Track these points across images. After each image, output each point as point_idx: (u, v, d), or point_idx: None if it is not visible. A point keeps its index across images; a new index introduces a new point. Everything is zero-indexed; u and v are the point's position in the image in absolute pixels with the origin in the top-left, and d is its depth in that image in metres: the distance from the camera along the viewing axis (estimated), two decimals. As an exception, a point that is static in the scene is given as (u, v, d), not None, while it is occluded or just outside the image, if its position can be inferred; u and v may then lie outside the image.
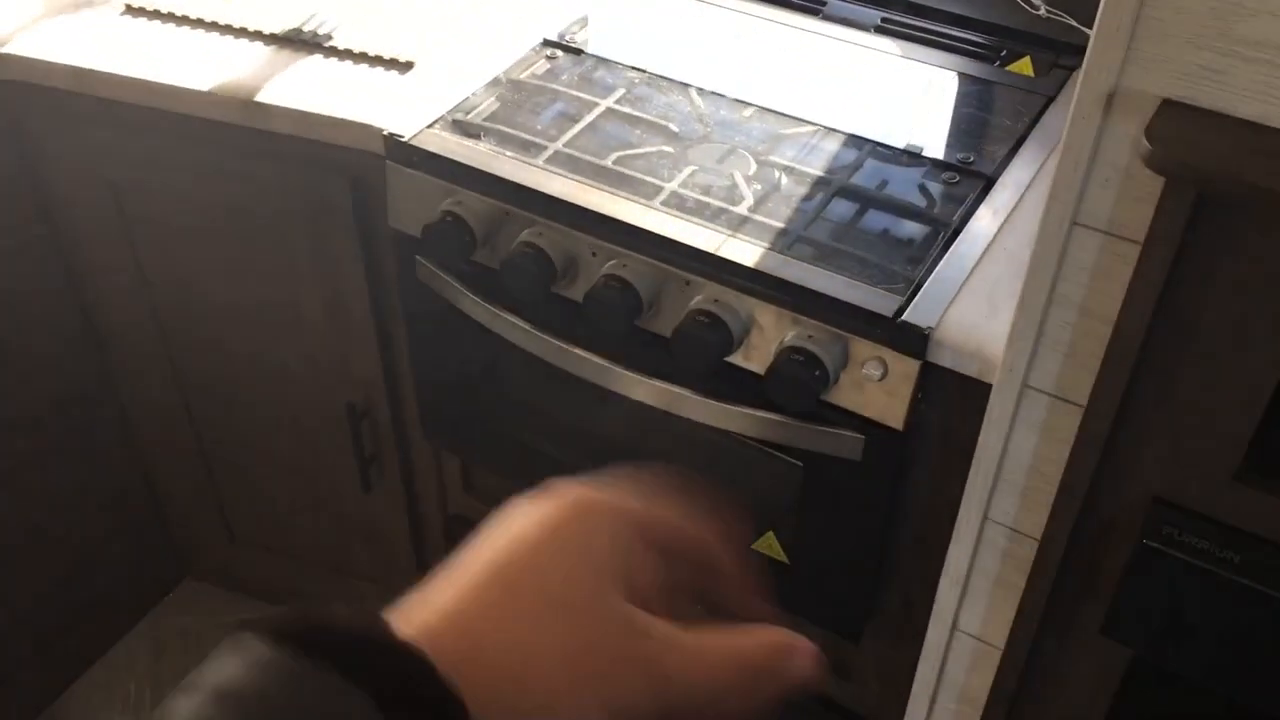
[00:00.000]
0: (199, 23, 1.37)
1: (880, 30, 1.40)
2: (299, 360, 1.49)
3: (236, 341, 1.52)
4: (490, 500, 1.55)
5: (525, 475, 1.48)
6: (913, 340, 1.00)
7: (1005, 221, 1.11)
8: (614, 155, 1.20)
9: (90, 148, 1.38)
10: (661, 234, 1.10)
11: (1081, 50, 1.33)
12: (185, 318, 1.53)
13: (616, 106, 1.27)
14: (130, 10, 1.39)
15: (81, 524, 1.71)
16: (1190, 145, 0.72)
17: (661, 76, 1.32)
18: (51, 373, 1.57)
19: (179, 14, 1.38)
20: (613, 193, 1.15)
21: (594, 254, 1.14)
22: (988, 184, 1.16)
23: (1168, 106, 0.74)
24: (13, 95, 1.36)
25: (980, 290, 1.04)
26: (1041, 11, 1.32)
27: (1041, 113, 1.26)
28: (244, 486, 1.73)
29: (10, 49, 1.32)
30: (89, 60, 1.31)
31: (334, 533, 1.71)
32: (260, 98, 1.25)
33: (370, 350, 1.43)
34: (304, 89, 1.27)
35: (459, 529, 1.57)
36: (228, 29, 1.36)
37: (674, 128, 1.24)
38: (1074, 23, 1.31)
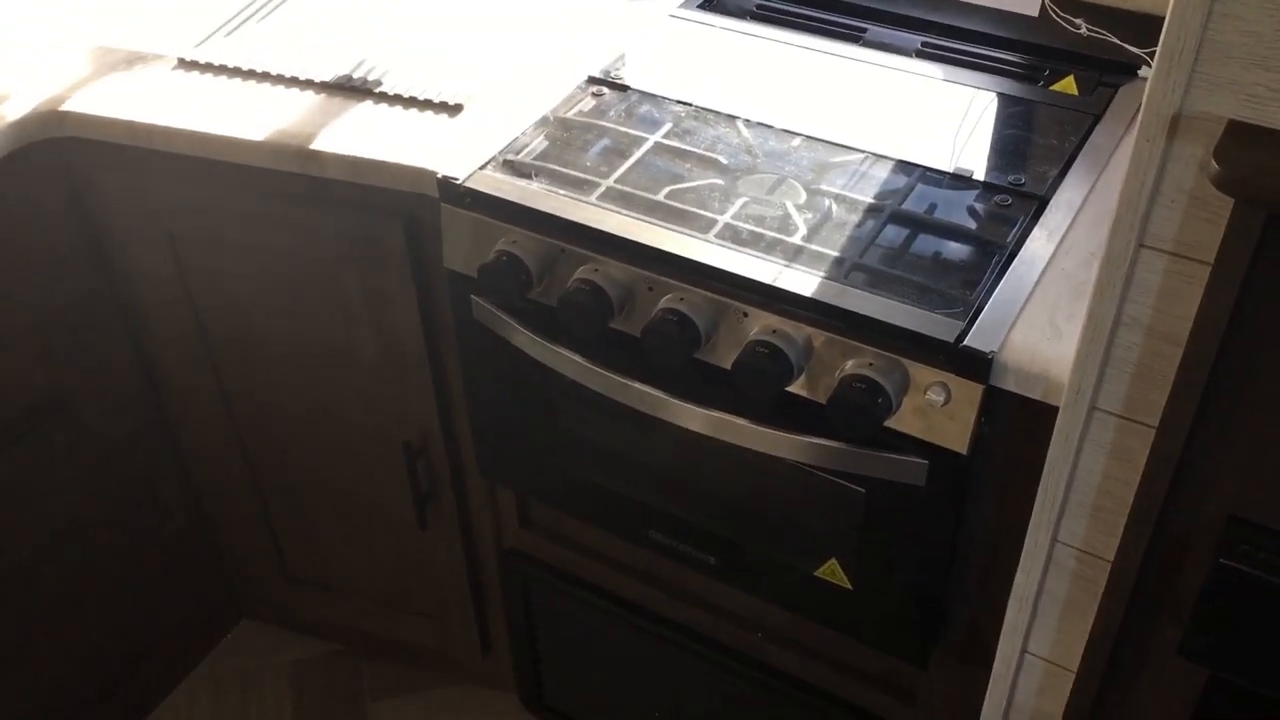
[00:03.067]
0: (250, 74, 1.40)
1: (921, 55, 1.41)
2: (355, 400, 1.51)
3: (293, 384, 1.54)
4: (547, 535, 1.57)
5: (582, 510, 1.50)
6: (976, 365, 1.01)
7: (1061, 242, 1.12)
8: (665, 189, 1.21)
9: (147, 199, 1.41)
10: (717, 266, 1.11)
11: (1126, 68, 1.34)
12: (242, 362, 1.55)
13: (665, 141, 1.28)
14: (183, 64, 1.42)
15: (141, 567, 1.73)
16: (1259, 167, 0.73)
17: (707, 109, 1.33)
18: (111, 418, 1.59)
19: (230, 66, 1.40)
20: (666, 227, 1.16)
21: (650, 288, 1.15)
22: (1040, 205, 1.16)
23: (1235, 127, 0.75)
24: (71, 151, 1.39)
25: (1040, 312, 1.04)
26: (1083, 31, 1.33)
27: (1089, 132, 1.26)
28: (300, 526, 1.74)
29: (68, 106, 1.35)
30: (145, 115, 1.33)
31: (390, 570, 1.73)
32: (314, 145, 1.28)
33: (426, 389, 1.44)
34: (356, 135, 1.29)
35: (515, 564, 1.58)
36: (279, 79, 1.39)
37: (723, 160, 1.25)
38: (1117, 41, 1.31)
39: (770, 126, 1.30)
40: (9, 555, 1.52)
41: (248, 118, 1.32)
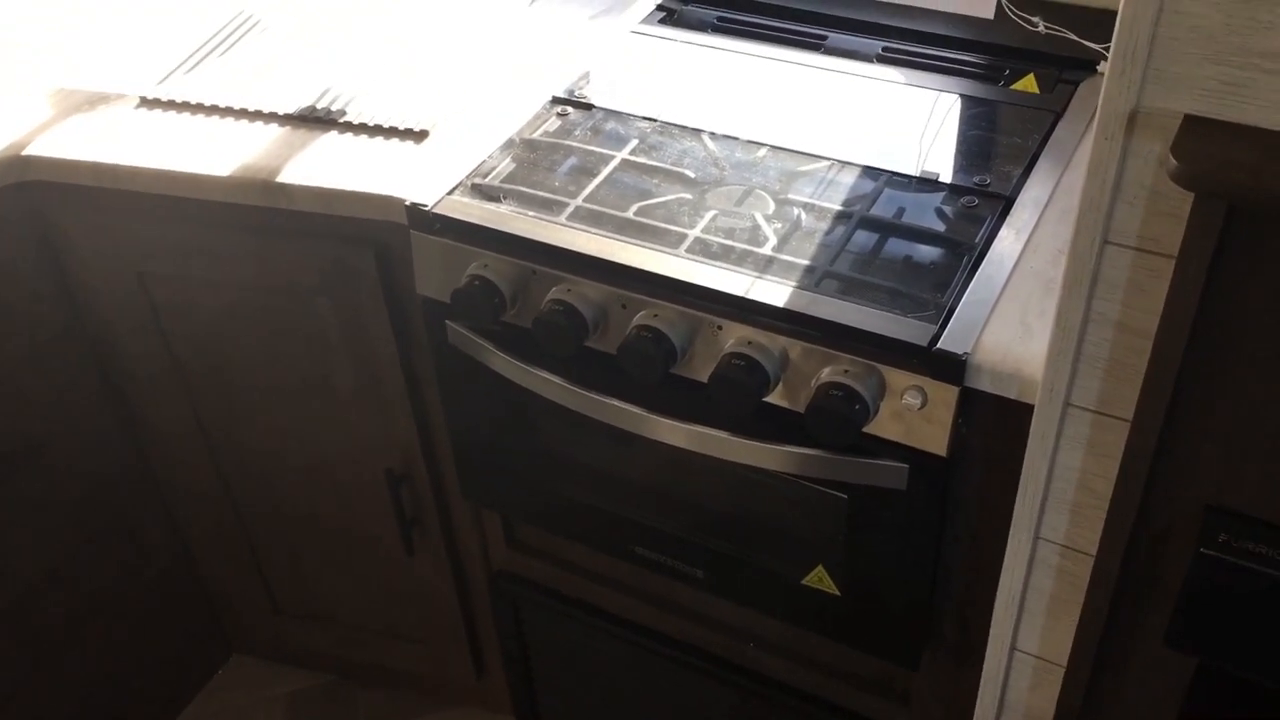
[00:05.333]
0: (214, 109, 1.40)
1: (882, 60, 1.42)
2: (335, 429, 1.51)
3: (271, 417, 1.53)
4: (534, 555, 1.57)
5: (567, 528, 1.49)
6: (950, 367, 1.01)
7: (1028, 241, 1.12)
8: (635, 206, 1.21)
9: (116, 239, 1.40)
10: (689, 281, 1.12)
11: (1085, 64, 1.35)
12: (219, 398, 1.54)
13: (631, 157, 1.29)
14: (145, 103, 1.42)
15: (128, 608, 1.71)
16: (1217, 160, 0.73)
17: (673, 124, 1.34)
18: (89, 460, 1.58)
19: (193, 103, 1.40)
20: (637, 244, 1.16)
21: (624, 306, 1.16)
22: (1006, 204, 1.17)
23: (1191, 123, 0.75)
24: (37, 195, 1.38)
25: (1012, 312, 1.05)
26: (1040, 29, 1.34)
27: (1052, 129, 1.27)
28: (287, 558, 1.73)
29: (31, 150, 1.35)
30: (109, 155, 1.33)
31: (380, 597, 1.72)
32: (281, 178, 1.27)
33: (405, 416, 1.44)
34: (323, 165, 1.29)
35: (504, 585, 1.58)
36: (243, 113, 1.38)
37: (690, 174, 1.26)
38: (1075, 37, 1.32)
39: (736, 138, 1.31)
40: (-7, 604, 1.51)
41: (213, 153, 1.32)
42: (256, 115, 1.38)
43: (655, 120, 1.35)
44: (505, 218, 1.21)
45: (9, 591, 1.52)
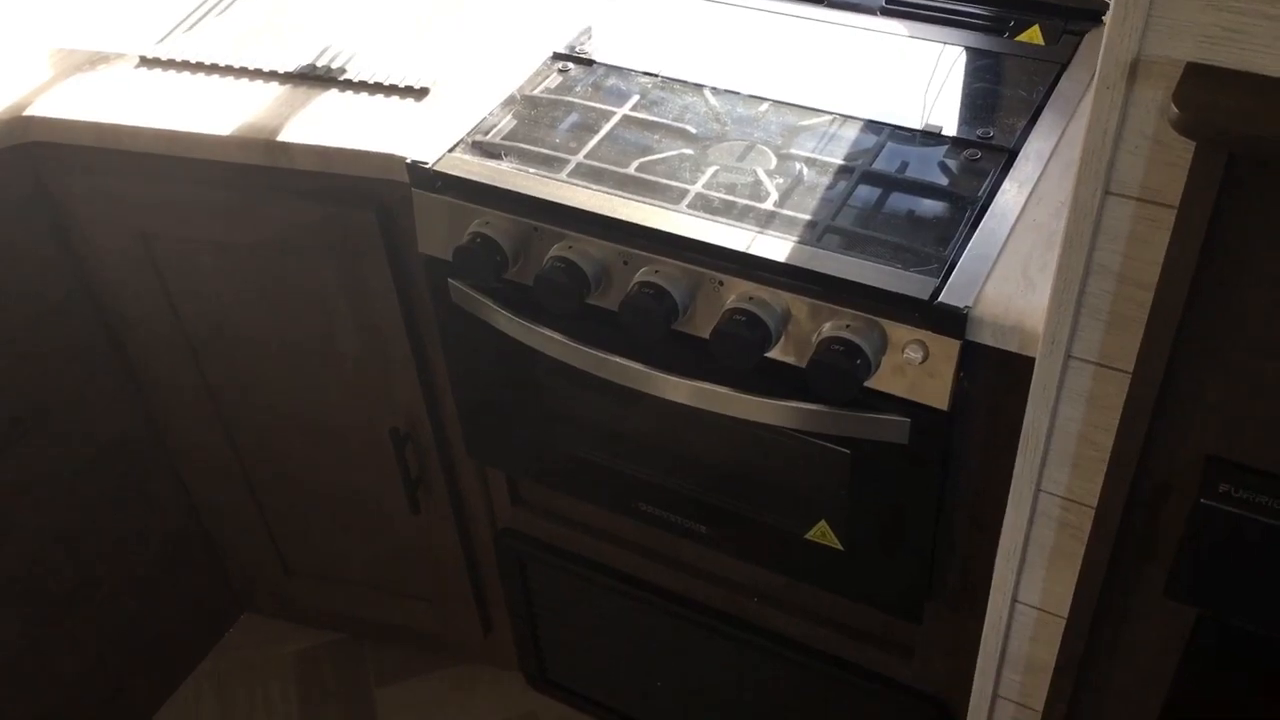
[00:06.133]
0: (214, 68, 1.39)
1: (886, 12, 1.41)
2: (340, 389, 1.51)
3: (277, 376, 1.54)
4: (539, 513, 1.58)
5: (571, 486, 1.50)
6: (951, 321, 1.01)
7: (1031, 193, 1.12)
8: (636, 162, 1.21)
9: (118, 200, 1.40)
10: (691, 237, 1.11)
11: (1090, 14, 1.33)
12: (224, 358, 1.55)
13: (633, 113, 1.28)
14: (145, 62, 1.41)
15: (140, 568, 1.73)
16: (1218, 108, 0.73)
17: (674, 79, 1.33)
18: (96, 422, 1.59)
19: (193, 61, 1.40)
20: (638, 200, 1.16)
21: (625, 262, 1.15)
22: (1010, 157, 1.17)
23: (1193, 70, 0.75)
24: (38, 156, 1.38)
25: (1014, 265, 1.04)
26: (1046, -21, 1.32)
27: (1056, 81, 1.26)
28: (294, 518, 1.75)
29: (32, 111, 1.34)
30: (110, 115, 1.33)
31: (386, 556, 1.73)
32: (281, 137, 1.27)
33: (409, 375, 1.44)
34: (323, 124, 1.29)
35: (509, 543, 1.59)
36: (243, 71, 1.38)
37: (692, 129, 1.25)
38: (1080, -13, 1.31)
39: (738, 93, 1.30)
40: (3, 564, 1.52)
41: (214, 113, 1.32)
42: (256, 74, 1.37)
43: (656, 76, 1.34)
44: (506, 175, 1.21)
45: (21, 553, 1.54)
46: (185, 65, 1.40)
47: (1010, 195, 1.12)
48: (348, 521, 1.71)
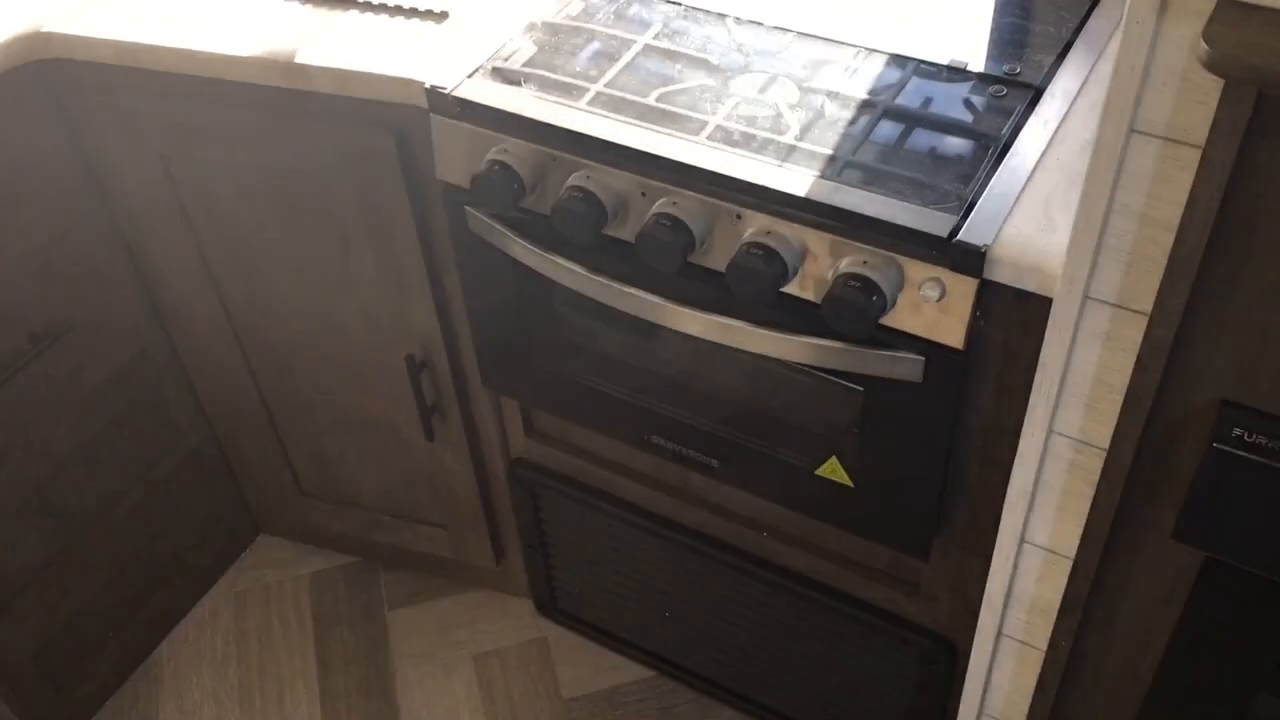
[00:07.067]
0: (233, -13, 1.38)
1: (915, -56, 1.38)
2: (356, 316, 1.52)
3: (294, 300, 1.54)
4: (552, 443, 1.58)
5: (585, 416, 1.50)
6: (969, 259, 1.00)
7: (1056, 132, 1.10)
8: (656, 92, 1.20)
9: (137, 120, 1.40)
10: (709, 169, 1.10)
11: (1125, -50, 1.30)
12: (242, 280, 1.55)
13: (654, 43, 1.26)
14: (164, -21, 1.40)
15: (157, 487, 1.76)
16: (1249, 45, 0.71)
17: (697, 8, 1.31)
18: (116, 343, 1.60)
19: (212, -20, 1.38)
20: (657, 130, 1.15)
21: (643, 193, 1.15)
22: (1035, 94, 1.15)
23: (1224, 6, 0.73)
24: (56, 74, 1.38)
25: (1035, 204, 1.03)
26: (1081, -88, 1.29)
27: (1086, 17, 1.24)
28: (310, 441, 1.77)
29: (51, 28, 1.34)
30: (129, 34, 1.32)
31: (401, 482, 1.75)
32: (300, 59, 1.26)
33: (425, 302, 1.45)
34: (343, 46, 1.28)
35: (522, 473, 1.60)
36: (262, -9, 1.37)
37: (714, 60, 1.23)
38: (1115, -79, 1.28)
39: (761, 24, 1.28)
40: (24, 481, 1.55)
41: (232, 32, 1.31)
42: (276, -6, 1.36)
43: (679, 4, 1.32)
44: (525, 102, 1.20)
45: (40, 469, 1.56)
46: (204, -16, 1.39)
47: (1034, 133, 1.10)
48: (362, 446, 1.72)
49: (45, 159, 1.43)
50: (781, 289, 1.10)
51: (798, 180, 1.08)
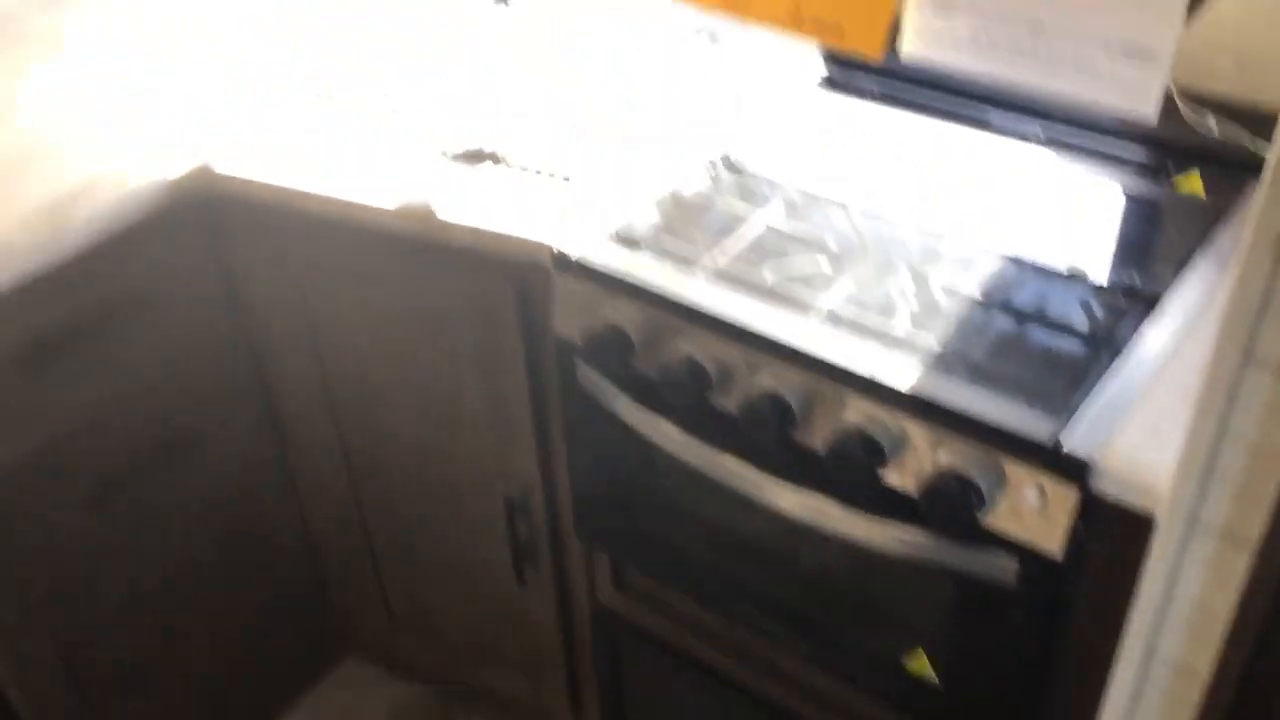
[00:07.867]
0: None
1: (1045, 144, 1.40)
2: (462, 453, 1.56)
3: (406, 435, 1.59)
4: (640, 599, 1.57)
5: (674, 579, 1.49)
6: (1073, 469, 0.99)
7: (1172, 346, 1.09)
8: (771, 271, 1.23)
9: (283, 253, 1.49)
10: (816, 354, 1.12)
11: (1254, 167, 1.30)
12: (360, 411, 1.61)
13: (775, 223, 1.30)
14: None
15: (252, 602, 1.80)
16: (1369, 292, 0.71)
17: (820, 195, 1.35)
18: (238, 460, 1.67)
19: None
20: (769, 308, 1.17)
21: (749, 367, 1.17)
22: (1154, 306, 1.14)
23: (1344, 251, 0.73)
24: (217, 206, 1.48)
25: (1145, 419, 1.02)
26: (1213, 130, 1.30)
27: (1211, 231, 1.23)
28: (405, 570, 1.79)
29: (219, 168, 1.45)
30: (288, 180, 1.42)
31: (487, 621, 1.76)
32: (441, 216, 1.33)
33: (529, 448, 1.48)
34: (477, 203, 1.35)
35: (607, 625, 1.59)
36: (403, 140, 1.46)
37: (832, 245, 1.26)
38: (1248, 138, 1.28)
39: (882, 214, 1.31)
40: (134, 584, 1.60)
41: (379, 181, 1.40)
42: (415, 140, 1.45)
43: (804, 189, 1.36)
44: (644, 269, 1.24)
45: (152, 575, 1.62)
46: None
47: (1150, 346, 1.09)
48: (455, 581, 1.74)
49: (195, 280, 1.52)
50: (878, 477, 1.10)
51: (904, 371, 1.09)
